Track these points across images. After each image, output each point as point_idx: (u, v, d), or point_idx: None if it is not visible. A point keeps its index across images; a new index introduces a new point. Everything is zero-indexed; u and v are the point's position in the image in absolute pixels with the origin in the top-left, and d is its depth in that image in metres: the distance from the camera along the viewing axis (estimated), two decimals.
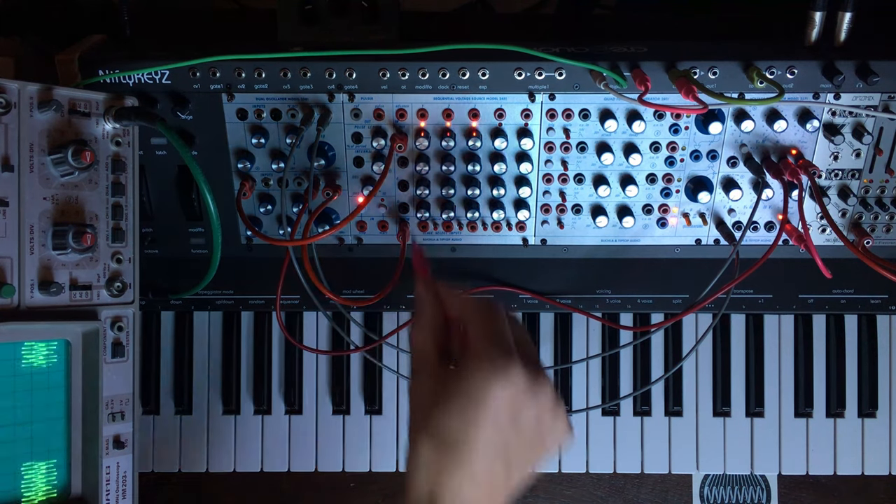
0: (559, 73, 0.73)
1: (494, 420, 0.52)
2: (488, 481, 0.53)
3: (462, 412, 0.52)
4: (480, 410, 0.52)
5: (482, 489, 0.53)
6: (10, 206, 0.65)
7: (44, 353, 0.69)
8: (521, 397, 0.53)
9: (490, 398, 0.52)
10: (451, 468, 0.52)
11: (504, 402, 0.52)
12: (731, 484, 0.87)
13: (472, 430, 0.52)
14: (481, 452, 0.52)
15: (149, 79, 0.73)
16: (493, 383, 0.52)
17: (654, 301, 0.84)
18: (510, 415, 0.53)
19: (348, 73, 0.73)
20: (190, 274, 0.80)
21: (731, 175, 0.78)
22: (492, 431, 0.52)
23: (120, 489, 0.72)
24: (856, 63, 0.72)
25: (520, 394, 0.53)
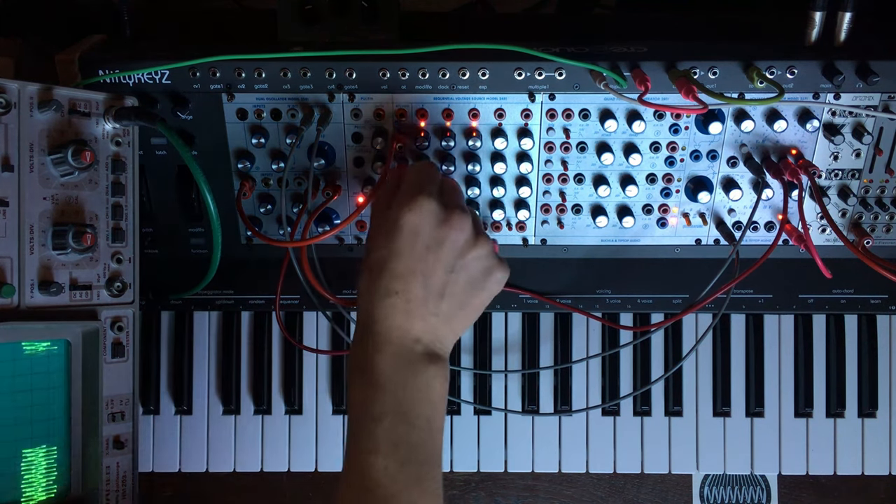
0: (559, 73, 0.73)
1: (407, 242, 0.62)
2: (414, 302, 0.62)
3: (383, 239, 0.63)
4: (394, 234, 0.62)
5: (409, 310, 0.62)
6: (10, 206, 0.65)
7: (44, 352, 0.69)
8: (434, 223, 0.62)
9: (401, 223, 0.62)
10: (378, 290, 0.62)
11: (415, 226, 0.62)
12: (731, 484, 0.87)
13: (389, 252, 0.62)
14: (398, 270, 0.62)
15: (149, 79, 0.73)
16: (404, 211, 0.62)
17: (654, 301, 0.84)
18: (424, 238, 0.62)
19: (348, 73, 0.73)
20: (190, 274, 0.80)
21: (731, 175, 0.78)
22: (407, 252, 0.62)
23: (120, 489, 0.72)
24: (856, 63, 0.72)
25: (432, 220, 0.62)
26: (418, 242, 0.62)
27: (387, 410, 0.60)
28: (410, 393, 0.61)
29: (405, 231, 0.62)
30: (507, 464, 0.86)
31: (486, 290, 0.66)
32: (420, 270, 0.62)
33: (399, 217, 0.63)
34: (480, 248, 0.65)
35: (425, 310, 0.62)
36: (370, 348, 0.62)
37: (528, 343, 0.86)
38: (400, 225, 0.62)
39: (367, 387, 0.61)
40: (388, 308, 0.62)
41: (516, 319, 0.86)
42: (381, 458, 0.58)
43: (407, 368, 0.61)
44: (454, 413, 0.86)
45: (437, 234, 0.63)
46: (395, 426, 0.59)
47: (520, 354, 0.86)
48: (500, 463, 0.86)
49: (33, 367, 0.68)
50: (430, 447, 0.61)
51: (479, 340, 0.86)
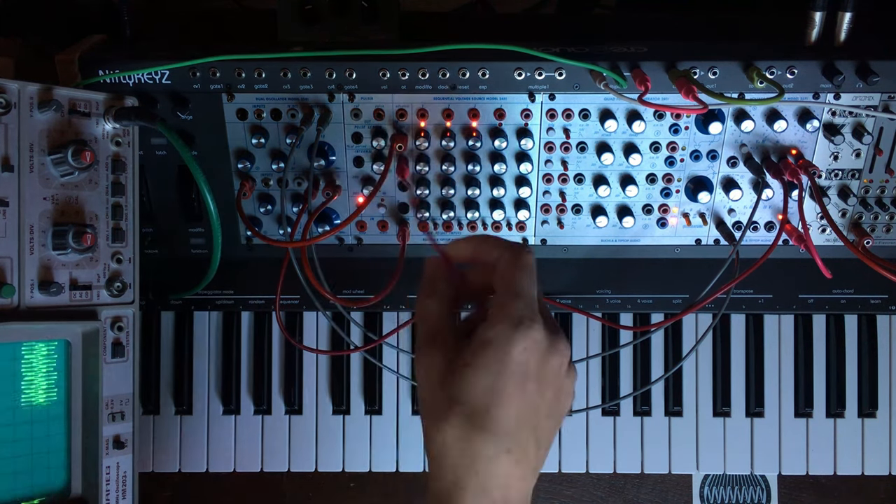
0: (559, 73, 0.73)
1: (518, 383, 0.48)
2: (522, 453, 0.48)
3: (484, 379, 0.48)
4: (502, 373, 0.47)
5: (516, 463, 0.48)
6: (10, 206, 0.65)
7: (44, 356, 0.69)
8: (542, 357, 0.49)
9: (511, 359, 0.48)
10: (484, 440, 0.47)
11: (526, 362, 0.48)
12: (731, 484, 0.87)
13: (496, 397, 0.47)
14: (510, 423, 0.47)
15: (149, 79, 0.73)
16: (515, 344, 0.48)
17: (654, 301, 0.84)
18: (533, 376, 0.48)
19: (348, 73, 0.73)
20: (190, 274, 0.80)
21: (731, 175, 0.78)
22: (518, 396, 0.48)
23: (120, 489, 0.72)
24: (856, 63, 0.72)
25: (540, 353, 0.49)
26: (528, 383, 0.48)
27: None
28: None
29: (517, 369, 0.48)
30: None
31: (561, 420, 0.54)
32: (531, 419, 0.49)
33: (508, 350, 0.48)
34: (572, 376, 0.53)
35: (531, 468, 0.50)
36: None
37: None
38: (509, 361, 0.48)
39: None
40: (498, 475, 0.48)
41: None
42: None
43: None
44: None
45: (544, 371, 0.50)
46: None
47: None
48: None
49: (33, 415, 0.68)
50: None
51: None
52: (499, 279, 0.51)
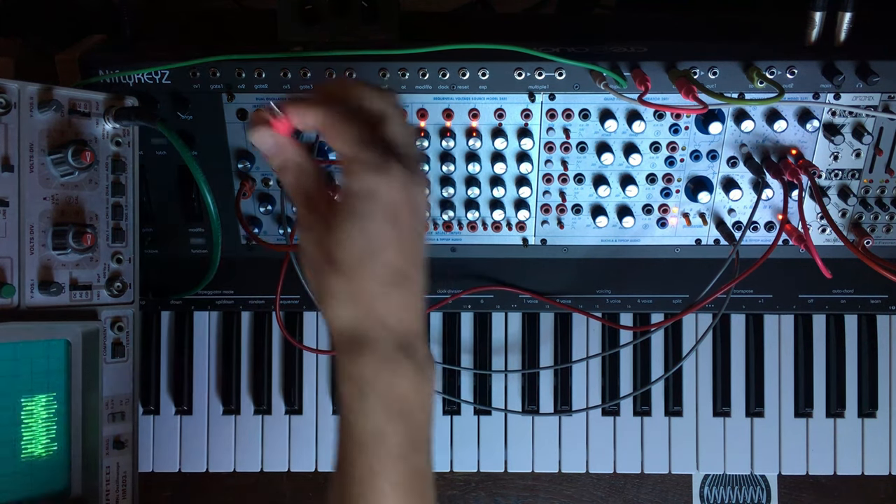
0: (559, 73, 0.73)
1: (389, 221, 0.49)
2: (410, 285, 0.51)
3: (357, 227, 0.49)
4: (370, 217, 0.49)
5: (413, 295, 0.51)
6: (10, 206, 0.65)
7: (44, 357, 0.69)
8: (406, 191, 0.50)
9: (377, 202, 0.49)
10: (366, 286, 0.49)
11: (392, 201, 0.49)
12: (731, 484, 0.87)
13: (372, 240, 0.49)
14: (390, 258, 0.49)
15: (149, 79, 0.73)
16: (378, 188, 0.49)
17: (654, 301, 0.84)
18: (401, 211, 0.50)
19: (348, 73, 0.73)
20: (190, 274, 0.80)
21: (731, 175, 0.78)
22: (390, 234, 0.49)
23: (120, 489, 0.72)
24: (856, 63, 0.72)
25: (405, 188, 0.50)
26: (399, 218, 0.51)
27: (403, 441, 0.51)
28: (425, 415, 0.52)
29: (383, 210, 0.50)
30: (507, 464, 0.86)
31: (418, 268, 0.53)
32: (409, 250, 0.51)
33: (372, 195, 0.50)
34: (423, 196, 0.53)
35: (420, 296, 0.53)
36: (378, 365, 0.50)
37: (528, 343, 0.86)
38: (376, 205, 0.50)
39: (379, 414, 0.50)
40: (390, 308, 0.51)
41: (516, 319, 0.86)
42: (386, 481, 0.50)
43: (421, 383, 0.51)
44: (454, 413, 0.86)
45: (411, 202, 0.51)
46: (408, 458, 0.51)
47: (520, 354, 0.86)
48: (500, 463, 0.86)
49: (33, 371, 0.68)
50: (430, 470, 0.53)
51: (479, 340, 0.86)
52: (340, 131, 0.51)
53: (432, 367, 0.53)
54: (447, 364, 0.85)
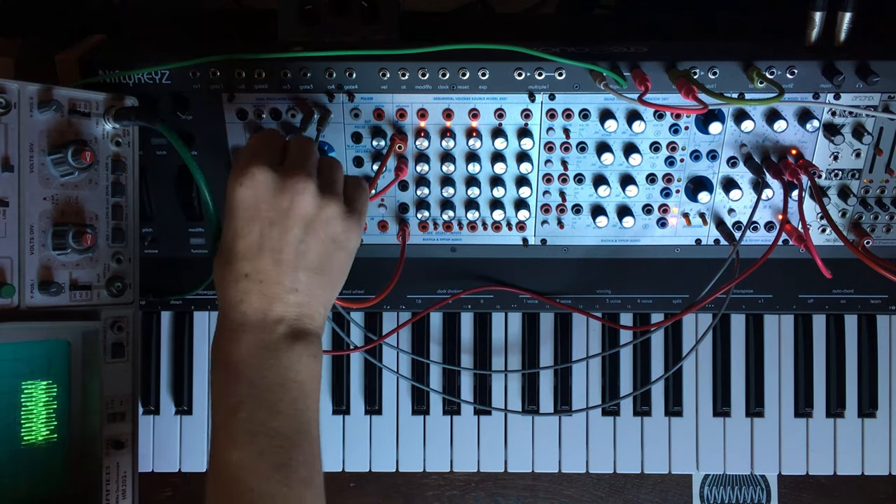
0: (559, 73, 0.73)
1: (247, 219, 0.59)
2: (262, 274, 0.59)
3: (225, 222, 0.60)
4: (232, 213, 0.59)
5: (263, 291, 0.59)
6: (10, 206, 0.65)
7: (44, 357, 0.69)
8: (272, 193, 0.58)
9: (236, 200, 0.59)
10: (228, 276, 0.59)
11: (250, 200, 0.58)
12: (731, 484, 0.87)
13: (232, 234, 0.59)
14: (244, 251, 0.59)
15: (149, 79, 0.73)
16: (236, 187, 0.59)
17: (654, 301, 0.84)
18: (265, 211, 0.59)
19: (348, 73, 0.73)
20: (190, 274, 0.80)
21: (731, 175, 0.78)
22: (248, 230, 0.59)
23: (120, 489, 0.72)
24: (856, 63, 0.72)
25: (269, 190, 0.58)
26: (260, 217, 0.58)
27: (244, 400, 0.57)
28: (271, 378, 0.58)
29: (241, 207, 0.59)
30: (507, 464, 0.86)
31: (345, 249, 0.63)
32: (267, 247, 0.59)
33: (232, 193, 0.59)
34: (328, 208, 0.60)
35: (281, 288, 0.59)
36: (227, 337, 0.59)
37: (528, 343, 0.86)
38: (235, 201, 0.59)
39: (225, 378, 0.58)
40: (242, 293, 0.59)
41: (516, 319, 0.86)
42: (237, 451, 0.56)
43: (267, 353, 0.58)
44: (454, 413, 0.86)
45: (277, 204, 0.58)
46: (252, 415, 0.57)
47: (520, 354, 0.86)
48: (500, 463, 0.86)
49: (33, 370, 0.68)
50: (294, 431, 0.58)
51: (479, 340, 0.86)
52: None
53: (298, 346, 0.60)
54: (447, 364, 0.85)
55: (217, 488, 0.57)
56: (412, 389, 0.86)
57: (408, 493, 0.88)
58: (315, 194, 0.60)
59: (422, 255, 0.82)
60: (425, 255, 0.82)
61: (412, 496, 0.88)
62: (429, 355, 0.86)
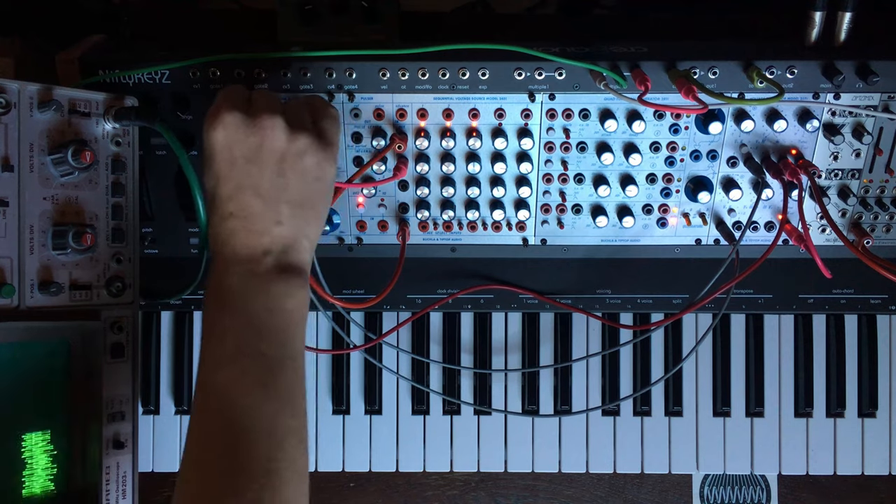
0: (559, 73, 0.73)
1: (224, 160, 0.61)
2: (246, 212, 0.61)
3: (205, 167, 0.63)
4: (209, 158, 0.62)
5: (244, 219, 0.61)
6: (10, 206, 0.65)
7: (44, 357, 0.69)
8: (243, 133, 0.61)
9: (210, 144, 0.62)
10: (216, 218, 0.62)
11: (224, 141, 0.61)
12: (731, 484, 0.87)
13: (213, 177, 0.62)
14: (226, 192, 0.61)
15: (149, 79, 0.73)
16: (208, 131, 0.62)
17: (654, 301, 0.84)
18: (239, 150, 0.61)
19: (348, 73, 0.73)
20: (190, 274, 0.80)
21: (731, 175, 0.78)
22: (226, 170, 0.61)
23: (120, 489, 0.72)
24: (856, 63, 0.72)
25: (240, 130, 0.61)
26: (235, 157, 0.61)
27: (233, 326, 0.59)
28: (259, 305, 0.60)
29: (217, 150, 0.61)
30: (507, 464, 0.86)
31: (322, 179, 0.64)
32: (247, 185, 0.61)
33: (207, 139, 0.62)
34: (298, 141, 0.62)
35: (265, 221, 0.61)
36: (218, 273, 0.61)
37: (528, 343, 0.86)
38: (211, 146, 0.62)
39: (215, 308, 0.60)
40: (229, 232, 0.61)
41: (516, 319, 0.86)
42: (221, 371, 0.58)
43: (255, 282, 0.60)
44: (454, 413, 0.86)
45: (249, 143, 0.61)
46: (238, 338, 0.59)
47: (520, 354, 0.86)
48: (500, 463, 0.86)
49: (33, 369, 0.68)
50: (280, 355, 0.60)
51: (479, 340, 0.86)
52: None
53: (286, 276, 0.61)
54: (447, 364, 0.85)
55: (199, 406, 0.58)
56: (412, 389, 0.86)
57: (408, 493, 0.88)
58: (284, 129, 0.62)
59: (422, 254, 0.82)
60: (425, 254, 0.82)
61: (412, 496, 0.88)
62: (429, 355, 0.86)
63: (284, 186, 0.62)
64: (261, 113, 0.62)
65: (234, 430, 0.56)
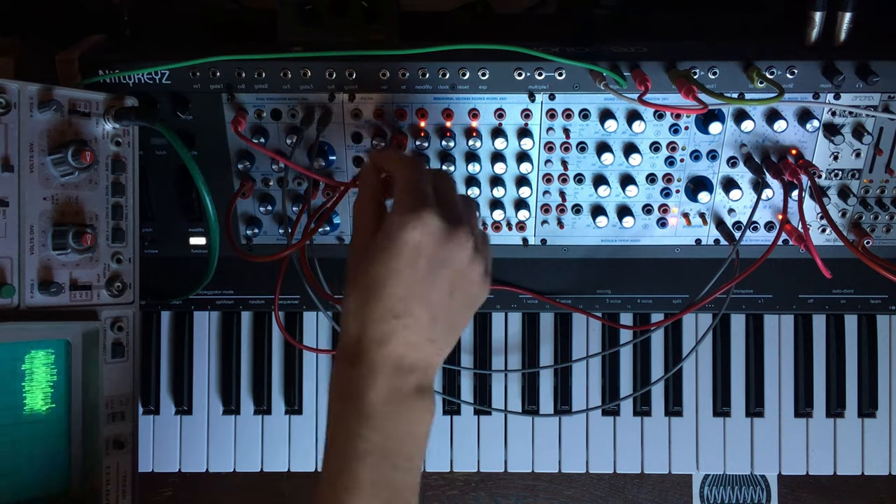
0: (559, 73, 0.73)
1: (409, 262, 0.56)
2: (412, 320, 0.56)
3: (382, 257, 0.56)
4: (394, 252, 0.56)
5: (405, 328, 0.56)
6: (10, 206, 0.65)
7: (44, 357, 0.69)
8: (437, 241, 0.56)
9: (403, 241, 0.56)
10: (374, 313, 0.56)
11: (418, 244, 0.56)
12: (731, 484, 0.87)
13: (389, 272, 0.56)
14: (399, 293, 0.56)
15: (149, 79, 0.73)
16: (406, 228, 0.56)
17: (653, 301, 0.84)
18: (427, 257, 0.56)
19: (348, 73, 0.73)
20: (190, 274, 0.80)
21: (731, 175, 0.78)
22: (408, 273, 0.56)
23: (120, 489, 0.72)
24: (856, 63, 0.72)
25: (435, 238, 0.56)
26: (420, 262, 0.56)
27: (373, 449, 0.55)
28: (398, 430, 0.56)
29: (407, 249, 0.56)
30: (507, 464, 0.86)
31: (474, 308, 0.62)
32: (423, 293, 0.56)
33: (400, 234, 0.56)
34: (478, 268, 0.60)
35: (423, 337, 0.57)
36: (361, 377, 0.56)
37: (528, 343, 0.86)
38: (401, 243, 0.56)
39: (353, 419, 0.56)
40: (387, 334, 0.56)
41: (516, 319, 0.86)
42: (360, 501, 0.54)
43: (399, 402, 0.56)
44: (454, 413, 0.86)
45: (440, 254, 0.57)
46: (378, 466, 0.55)
47: (520, 354, 0.86)
48: (500, 463, 0.86)
49: (33, 368, 0.68)
50: (411, 489, 0.57)
51: (479, 340, 0.86)
52: (396, 182, 0.60)
53: (424, 400, 0.58)
54: (447, 364, 0.85)
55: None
56: None
57: None
58: (473, 250, 0.59)
59: None
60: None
61: None
62: None
63: (449, 307, 0.58)
64: (459, 224, 0.58)
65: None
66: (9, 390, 0.67)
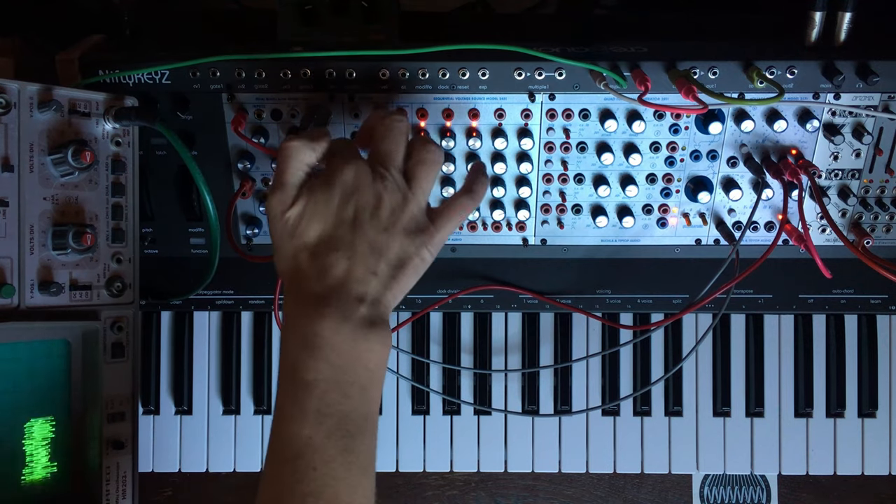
0: (559, 73, 0.73)
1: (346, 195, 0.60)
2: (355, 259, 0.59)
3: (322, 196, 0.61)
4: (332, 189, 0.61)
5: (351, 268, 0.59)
6: (10, 206, 0.65)
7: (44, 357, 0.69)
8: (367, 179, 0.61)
9: (339, 177, 0.61)
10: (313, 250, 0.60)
11: (351, 180, 0.61)
12: (731, 484, 0.87)
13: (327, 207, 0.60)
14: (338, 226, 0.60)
15: (149, 79, 0.73)
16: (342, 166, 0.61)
17: (653, 301, 0.84)
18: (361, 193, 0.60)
19: (348, 73, 0.73)
20: (190, 274, 0.80)
21: (731, 175, 0.78)
22: (341, 205, 0.60)
23: (120, 489, 0.72)
24: (856, 63, 0.72)
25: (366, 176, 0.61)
26: (350, 199, 0.60)
27: (320, 377, 0.57)
28: (348, 361, 0.58)
29: (343, 185, 0.60)
30: (507, 464, 0.86)
31: (423, 259, 0.63)
32: (360, 228, 0.60)
33: (337, 172, 0.61)
34: (415, 209, 0.62)
35: (366, 269, 0.59)
36: (307, 311, 0.58)
37: (528, 343, 0.86)
38: (335, 179, 0.60)
39: (302, 350, 0.58)
40: (328, 265, 0.59)
41: (516, 319, 0.86)
42: (307, 428, 0.56)
43: (347, 333, 0.58)
44: (454, 413, 0.86)
45: (372, 191, 0.61)
46: (325, 394, 0.57)
47: (520, 354, 0.86)
48: (500, 463, 0.86)
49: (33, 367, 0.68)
50: (361, 418, 0.58)
51: (479, 340, 0.86)
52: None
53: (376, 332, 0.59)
54: (447, 364, 0.85)
55: (279, 460, 0.57)
56: (412, 389, 0.86)
57: (407, 493, 0.88)
58: (402, 190, 0.62)
59: None
60: None
61: (412, 496, 0.88)
62: (429, 355, 0.86)
63: (388, 245, 0.61)
64: (389, 168, 0.62)
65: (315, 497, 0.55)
66: (9, 390, 0.67)
